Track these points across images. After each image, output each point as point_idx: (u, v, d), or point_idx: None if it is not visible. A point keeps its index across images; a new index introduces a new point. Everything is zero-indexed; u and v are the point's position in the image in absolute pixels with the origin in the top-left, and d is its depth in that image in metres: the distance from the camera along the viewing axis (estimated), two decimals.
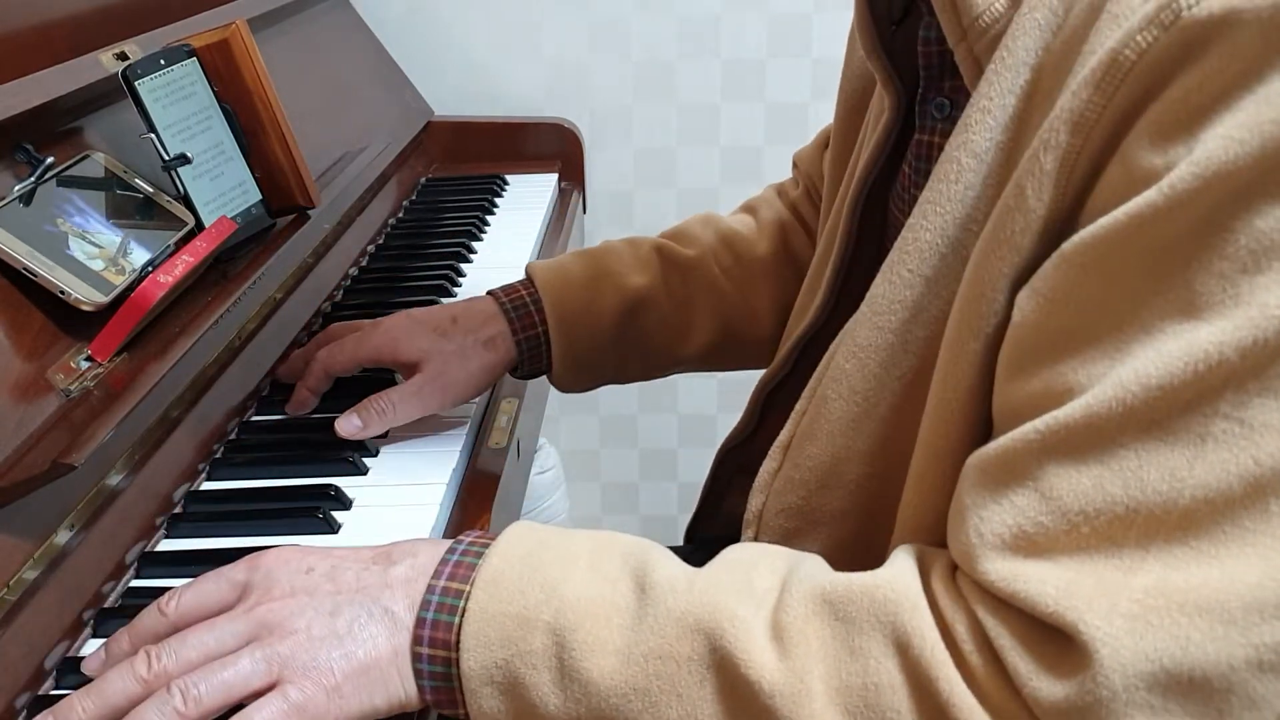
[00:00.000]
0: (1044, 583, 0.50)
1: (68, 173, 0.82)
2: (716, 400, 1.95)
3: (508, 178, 1.58)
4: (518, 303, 0.94)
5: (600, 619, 0.57)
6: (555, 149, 1.67)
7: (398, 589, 0.61)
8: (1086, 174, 0.52)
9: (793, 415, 0.72)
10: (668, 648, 0.56)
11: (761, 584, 0.58)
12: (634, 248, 0.99)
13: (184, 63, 0.92)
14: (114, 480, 0.75)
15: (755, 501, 0.73)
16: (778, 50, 1.77)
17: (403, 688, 0.60)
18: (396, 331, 0.91)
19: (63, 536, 0.69)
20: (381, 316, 0.94)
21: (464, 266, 1.27)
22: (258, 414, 0.94)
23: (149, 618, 0.63)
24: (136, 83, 0.87)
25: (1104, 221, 0.50)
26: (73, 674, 0.65)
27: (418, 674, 0.59)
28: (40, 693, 0.64)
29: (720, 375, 1.93)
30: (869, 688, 0.53)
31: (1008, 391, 0.55)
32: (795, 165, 1.08)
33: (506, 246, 1.35)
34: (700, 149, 1.82)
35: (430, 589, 0.60)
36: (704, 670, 0.56)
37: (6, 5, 0.85)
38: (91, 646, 0.68)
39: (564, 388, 0.97)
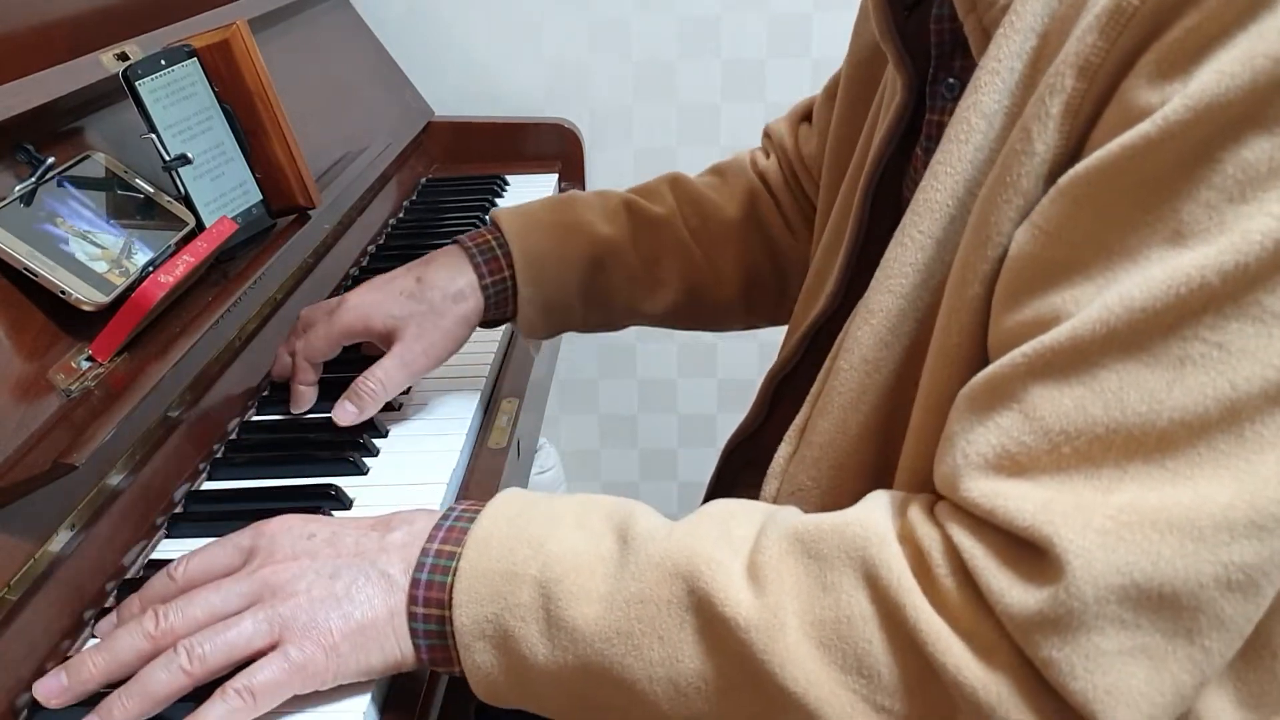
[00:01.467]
0: (1023, 499, 0.52)
1: (69, 173, 0.82)
2: (716, 400, 1.95)
3: (508, 178, 1.58)
4: (484, 248, 0.93)
5: (584, 570, 0.60)
6: (555, 149, 1.67)
7: (394, 553, 0.63)
8: (1089, 117, 0.54)
9: (809, 397, 0.72)
10: (648, 592, 0.58)
11: (739, 531, 0.60)
12: (602, 199, 0.99)
13: (185, 63, 0.92)
14: (114, 480, 0.75)
15: (769, 487, 0.73)
16: (778, 50, 1.77)
17: (398, 647, 0.62)
18: (364, 305, 0.90)
19: (63, 536, 0.69)
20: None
21: None
22: (258, 414, 0.94)
23: (158, 582, 0.65)
24: (137, 83, 0.87)
25: (1098, 154, 0.52)
26: None
27: (413, 633, 0.62)
28: None
29: (720, 375, 1.93)
30: (841, 620, 0.55)
31: (1002, 323, 0.57)
32: (767, 136, 1.07)
33: None
34: (700, 149, 1.82)
35: (424, 552, 0.63)
36: (683, 612, 0.58)
37: (6, 5, 0.85)
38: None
39: (528, 333, 0.96)
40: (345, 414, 0.87)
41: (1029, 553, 0.52)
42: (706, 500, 1.00)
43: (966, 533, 0.54)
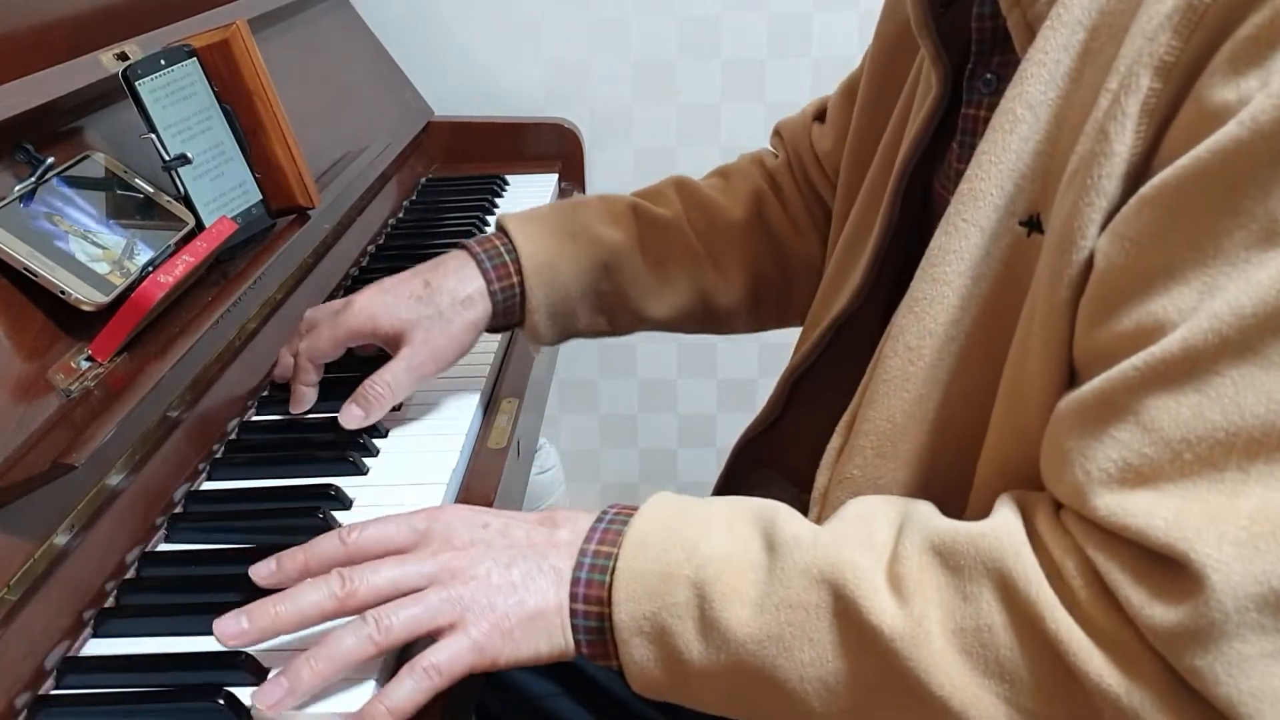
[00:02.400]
0: (1152, 514, 0.53)
1: (68, 173, 0.82)
2: (716, 400, 1.95)
3: (508, 178, 1.57)
4: (492, 253, 0.93)
5: (736, 573, 0.62)
6: (555, 149, 1.67)
7: (563, 549, 0.66)
8: (1166, 117, 0.55)
9: (858, 389, 0.72)
10: (797, 597, 0.60)
11: (879, 536, 0.62)
12: (608, 204, 0.98)
13: (184, 63, 0.92)
14: (114, 480, 0.75)
15: (821, 479, 0.74)
16: (778, 50, 1.77)
17: (564, 637, 0.65)
18: (373, 307, 0.90)
19: (63, 536, 0.69)
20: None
21: None
22: (258, 414, 0.94)
23: (328, 543, 0.67)
24: (137, 83, 0.87)
25: (1184, 160, 0.52)
26: (73, 673, 0.65)
27: (574, 628, 0.64)
28: (40, 692, 0.64)
29: (720, 375, 1.93)
30: (982, 629, 0.57)
31: (1095, 336, 0.57)
32: (777, 135, 1.07)
33: None
34: (700, 149, 1.82)
35: (583, 552, 0.65)
36: (831, 617, 0.60)
37: (6, 5, 0.85)
38: (92, 646, 0.68)
39: (535, 338, 0.96)
40: (352, 417, 0.87)
41: (1165, 567, 0.53)
42: (718, 494, 1.00)
43: (1099, 549, 0.55)
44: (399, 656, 0.68)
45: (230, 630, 0.63)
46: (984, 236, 0.64)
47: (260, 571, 0.67)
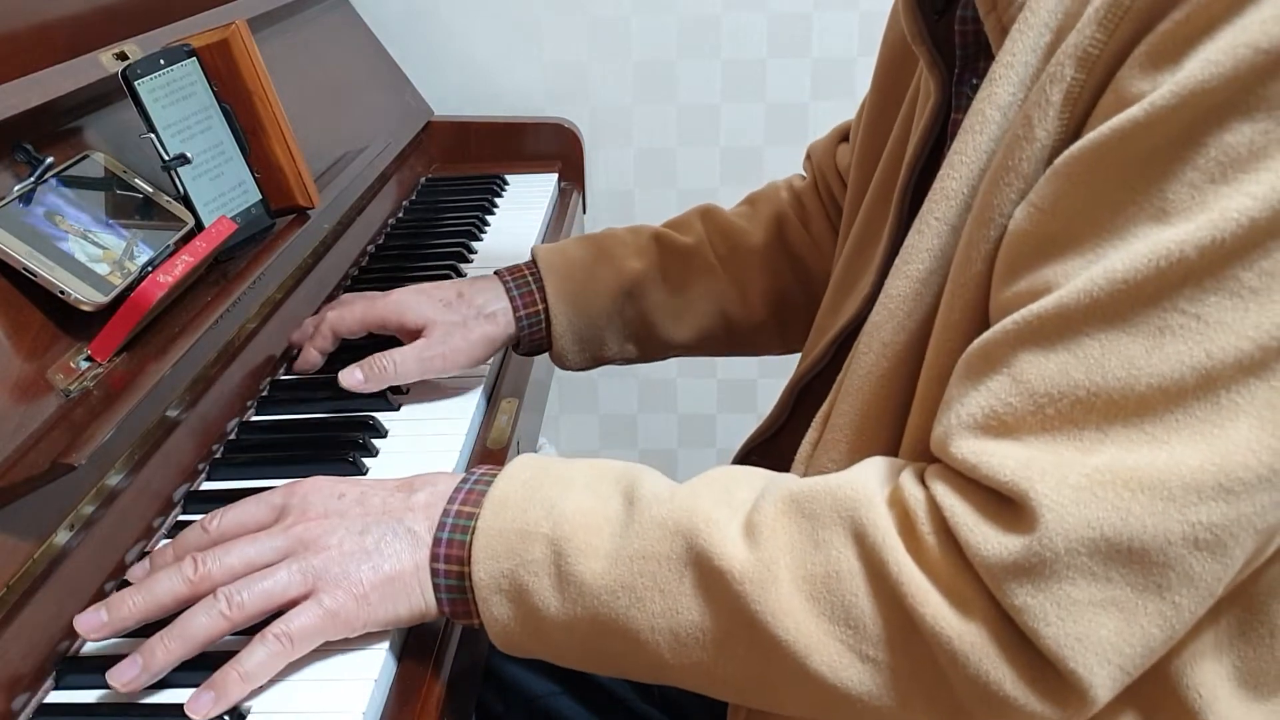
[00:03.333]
0: (1005, 457, 0.55)
1: (68, 172, 0.82)
2: (716, 400, 1.95)
3: (508, 178, 1.58)
4: (520, 281, 0.99)
5: (592, 529, 0.63)
6: (555, 149, 1.67)
7: (419, 512, 0.67)
8: (1088, 106, 0.57)
9: (835, 385, 0.74)
10: (650, 549, 0.62)
11: (740, 495, 0.64)
12: (634, 235, 1.04)
13: (184, 63, 0.92)
14: (114, 480, 0.75)
15: (796, 472, 0.74)
16: (778, 50, 1.77)
17: (423, 598, 0.66)
18: (404, 301, 0.96)
19: (63, 536, 0.69)
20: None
21: (464, 267, 1.27)
22: (257, 414, 0.94)
23: (192, 534, 0.69)
24: (136, 83, 0.87)
25: (1091, 135, 0.54)
26: (73, 673, 0.65)
27: (436, 588, 0.66)
28: (40, 692, 0.64)
29: (720, 375, 1.93)
30: (830, 575, 0.59)
31: (998, 296, 0.59)
32: (808, 157, 1.10)
33: (507, 247, 1.35)
34: (700, 149, 1.82)
35: (445, 512, 0.67)
36: (682, 566, 0.61)
37: (6, 5, 0.85)
38: (92, 647, 0.68)
39: (563, 364, 1.02)
40: (352, 379, 0.92)
41: (1007, 506, 0.55)
42: None
43: (950, 489, 0.57)
44: (400, 658, 0.68)
45: (90, 623, 0.64)
46: (954, 234, 0.65)
47: (135, 572, 0.70)
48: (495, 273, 1.00)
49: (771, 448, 0.93)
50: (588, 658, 0.65)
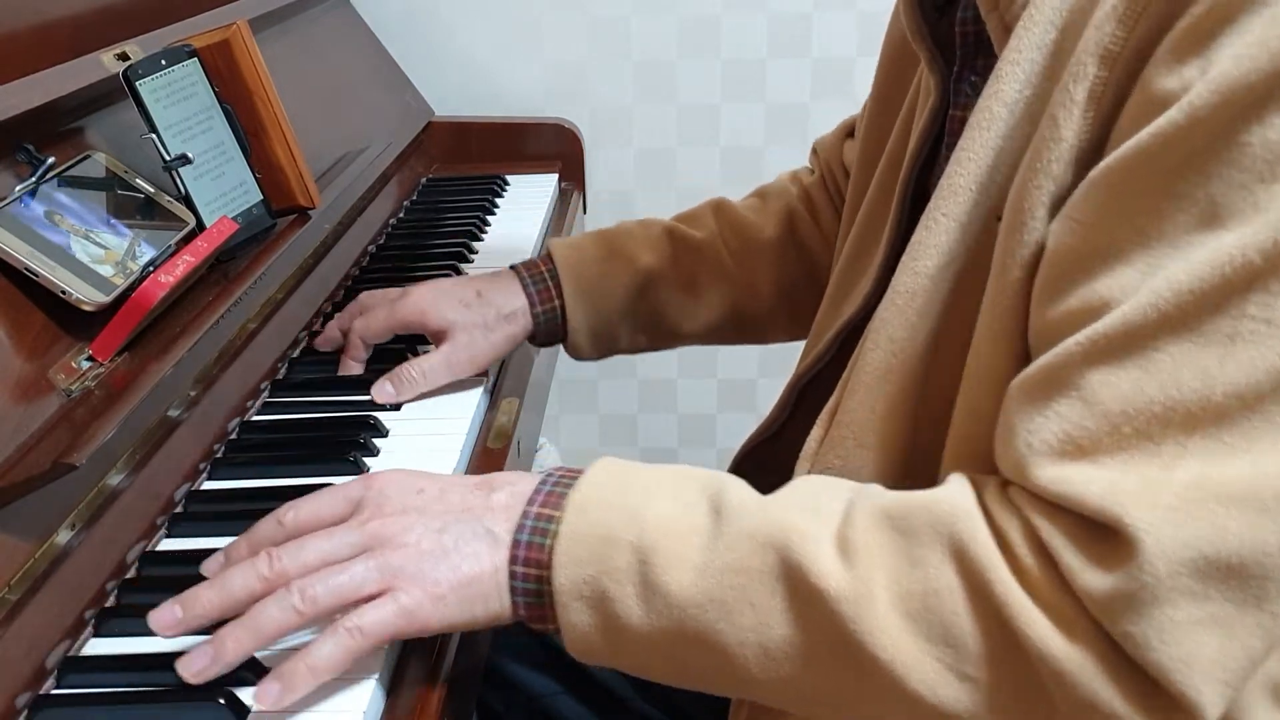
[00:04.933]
0: (1090, 482, 0.54)
1: (69, 173, 0.82)
2: (716, 400, 1.95)
3: (508, 178, 1.57)
4: (537, 277, 1.00)
5: (679, 537, 0.61)
6: (555, 149, 1.67)
7: (499, 512, 0.65)
8: (1113, 104, 0.56)
9: (840, 382, 0.73)
10: (741, 561, 0.60)
11: (829, 506, 0.62)
12: (646, 229, 1.05)
13: (185, 63, 0.92)
14: (115, 480, 0.75)
15: (800, 469, 0.75)
16: (778, 50, 1.77)
17: (499, 601, 0.64)
18: (425, 303, 0.96)
19: (63, 536, 0.69)
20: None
21: (465, 267, 1.27)
22: (258, 414, 0.94)
23: (266, 526, 0.67)
24: (137, 83, 0.87)
25: (1128, 144, 0.54)
26: (73, 673, 0.65)
27: (513, 590, 0.64)
28: (41, 692, 0.64)
29: (720, 375, 1.93)
30: (929, 593, 0.57)
31: (1045, 315, 0.58)
32: (814, 152, 1.10)
33: (507, 247, 1.35)
34: (700, 149, 1.82)
35: (525, 514, 0.65)
36: (774, 581, 0.59)
37: (7, 5, 0.85)
38: (92, 646, 0.68)
39: (578, 356, 1.03)
40: (383, 393, 0.93)
41: (1101, 533, 0.54)
42: None
43: (1042, 516, 0.56)
44: (400, 657, 0.68)
45: (166, 620, 0.64)
46: (962, 231, 0.65)
47: (210, 566, 0.68)
48: (511, 267, 1.01)
49: (773, 447, 0.93)
50: (669, 670, 0.63)
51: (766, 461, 0.94)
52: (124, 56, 0.92)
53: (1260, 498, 0.51)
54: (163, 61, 0.90)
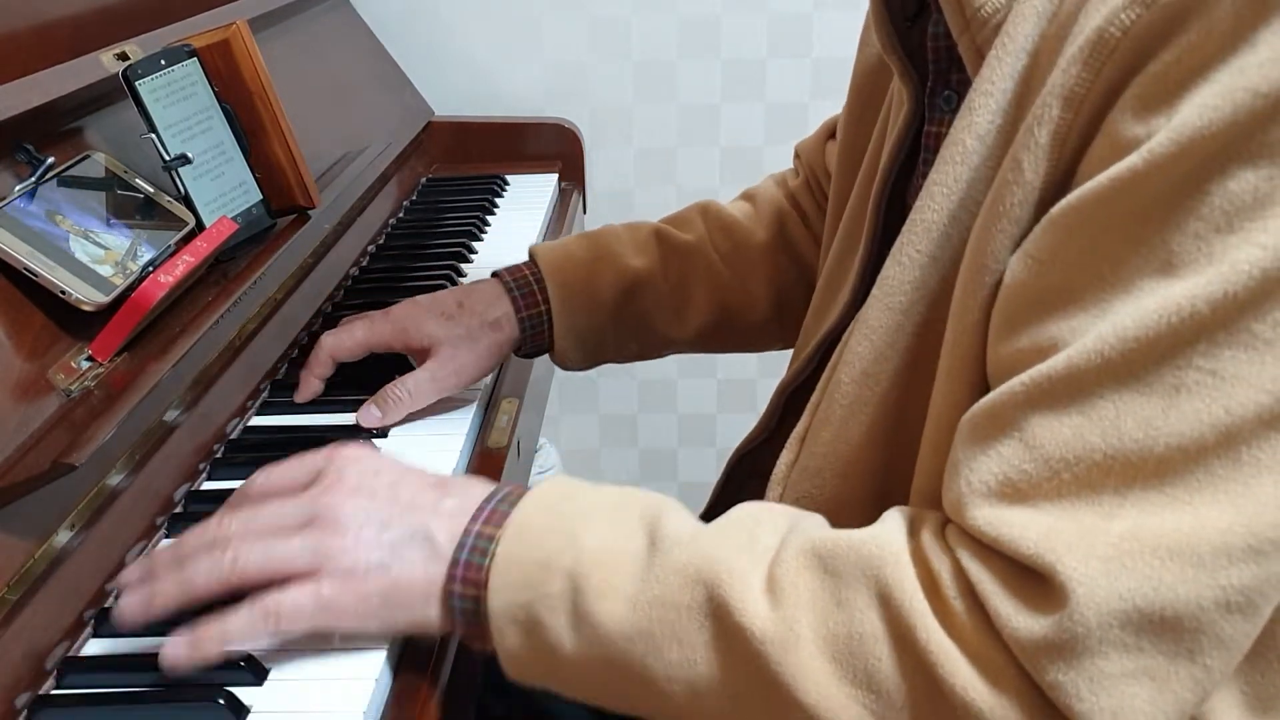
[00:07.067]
0: (1025, 527, 0.53)
1: (69, 173, 0.82)
2: (716, 400, 1.95)
3: (508, 178, 1.57)
4: (521, 282, 0.97)
5: (613, 567, 0.61)
6: (555, 149, 1.67)
7: (444, 519, 0.65)
8: (1077, 147, 0.55)
9: (809, 406, 0.73)
10: (670, 596, 0.59)
11: (763, 541, 0.61)
12: (633, 232, 1.02)
13: (185, 63, 0.92)
14: (114, 480, 0.75)
15: (772, 494, 0.74)
16: (778, 50, 1.77)
17: (426, 613, 0.64)
18: (405, 320, 0.93)
19: (63, 536, 0.69)
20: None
21: (465, 267, 1.27)
22: (258, 414, 0.94)
23: (236, 495, 0.69)
24: (137, 83, 0.87)
25: (1088, 185, 0.53)
26: (73, 673, 0.65)
27: (451, 609, 0.64)
28: (40, 692, 0.64)
29: (720, 375, 1.93)
30: (853, 637, 0.56)
31: (998, 351, 0.58)
32: (797, 156, 1.09)
33: (507, 247, 1.35)
34: (700, 149, 1.82)
35: (466, 532, 0.64)
36: (701, 618, 0.59)
37: (6, 5, 0.85)
38: (92, 646, 0.68)
39: (564, 364, 1.00)
40: (369, 417, 0.90)
41: (1034, 580, 0.53)
42: (713, 506, 1.00)
43: (974, 558, 0.55)
44: (400, 655, 0.68)
45: (129, 579, 0.65)
46: (935, 265, 0.64)
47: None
48: (494, 274, 0.98)
49: (765, 451, 0.93)
50: (603, 695, 0.63)
51: (759, 467, 0.94)
52: (124, 56, 0.92)
53: (1197, 551, 0.50)
54: (162, 61, 0.90)
